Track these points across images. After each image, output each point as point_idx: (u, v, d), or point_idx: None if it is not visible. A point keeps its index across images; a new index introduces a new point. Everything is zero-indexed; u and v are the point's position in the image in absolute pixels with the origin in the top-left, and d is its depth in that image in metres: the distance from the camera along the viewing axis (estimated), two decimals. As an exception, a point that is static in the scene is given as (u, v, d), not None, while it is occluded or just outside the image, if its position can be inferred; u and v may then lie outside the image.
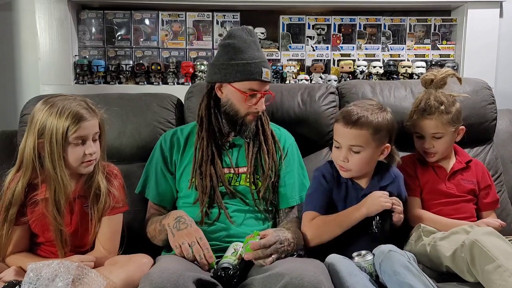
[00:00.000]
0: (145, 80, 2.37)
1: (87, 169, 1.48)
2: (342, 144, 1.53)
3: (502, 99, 2.18)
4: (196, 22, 2.41)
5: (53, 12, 2.29)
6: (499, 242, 1.37)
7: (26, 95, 2.35)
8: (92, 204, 1.50)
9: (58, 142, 1.40)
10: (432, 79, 1.72)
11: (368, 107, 1.53)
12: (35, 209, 1.47)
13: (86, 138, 1.45)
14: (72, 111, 1.42)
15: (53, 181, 1.42)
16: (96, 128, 1.48)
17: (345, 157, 1.53)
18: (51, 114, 1.41)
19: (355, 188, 1.58)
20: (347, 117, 1.51)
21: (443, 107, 1.65)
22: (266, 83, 1.62)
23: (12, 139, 1.98)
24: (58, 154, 1.41)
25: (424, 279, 1.32)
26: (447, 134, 1.68)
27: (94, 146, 1.47)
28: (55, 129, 1.40)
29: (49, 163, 1.41)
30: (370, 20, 2.45)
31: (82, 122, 1.42)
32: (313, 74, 2.40)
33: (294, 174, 1.71)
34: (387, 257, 1.37)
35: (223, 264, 1.39)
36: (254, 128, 1.66)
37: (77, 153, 1.44)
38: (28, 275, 1.29)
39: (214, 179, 1.62)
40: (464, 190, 1.70)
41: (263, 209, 1.65)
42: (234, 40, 1.62)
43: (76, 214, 1.50)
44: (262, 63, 1.60)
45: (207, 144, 1.64)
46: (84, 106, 1.46)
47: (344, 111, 1.56)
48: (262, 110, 1.64)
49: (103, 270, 1.39)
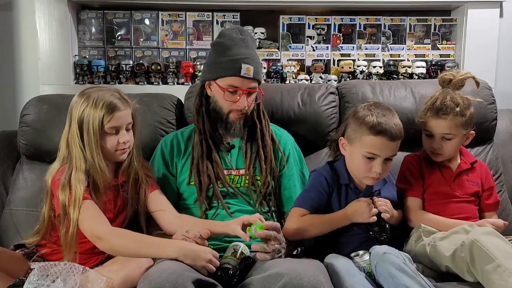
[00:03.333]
0: (145, 80, 2.37)
1: (121, 156, 1.55)
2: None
3: (502, 99, 2.18)
4: (196, 22, 2.41)
5: (53, 12, 2.29)
6: (499, 242, 1.37)
7: (26, 95, 2.35)
8: (131, 189, 1.58)
9: (95, 131, 1.48)
10: (450, 79, 1.71)
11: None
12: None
13: (120, 128, 1.52)
14: (106, 101, 1.49)
15: (92, 168, 1.49)
16: (129, 118, 1.55)
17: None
18: (88, 106, 1.48)
19: (355, 192, 1.58)
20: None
21: (459, 109, 1.64)
22: (249, 79, 1.60)
23: (12, 139, 1.98)
24: (96, 143, 1.48)
25: (420, 280, 1.32)
26: (458, 136, 1.66)
27: (127, 135, 1.53)
28: (92, 118, 1.47)
29: (88, 152, 1.48)
30: (370, 20, 2.45)
31: (115, 112, 1.49)
32: (313, 74, 2.40)
33: (297, 177, 1.71)
34: (382, 259, 1.37)
35: (223, 264, 1.38)
36: (240, 126, 1.65)
37: (112, 141, 1.51)
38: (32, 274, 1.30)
39: (212, 176, 1.62)
40: (468, 191, 1.70)
41: (266, 210, 1.66)
42: (222, 39, 1.64)
43: (120, 200, 1.58)
44: (243, 60, 1.58)
45: (201, 142, 1.65)
46: (117, 96, 1.53)
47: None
48: (243, 107, 1.61)
49: (102, 269, 1.40)
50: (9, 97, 2.42)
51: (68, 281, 1.29)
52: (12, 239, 1.75)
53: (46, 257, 1.54)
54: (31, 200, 1.84)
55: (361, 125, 1.51)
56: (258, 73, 1.63)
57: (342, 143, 1.59)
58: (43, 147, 1.88)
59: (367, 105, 1.56)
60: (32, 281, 1.28)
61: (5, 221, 1.87)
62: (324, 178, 1.58)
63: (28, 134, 1.92)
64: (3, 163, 1.98)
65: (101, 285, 1.31)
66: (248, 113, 1.66)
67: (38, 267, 1.31)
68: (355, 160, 1.54)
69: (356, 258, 1.44)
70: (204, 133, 1.67)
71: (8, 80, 2.42)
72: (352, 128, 1.55)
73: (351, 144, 1.55)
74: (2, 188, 1.94)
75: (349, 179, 1.58)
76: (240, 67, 1.58)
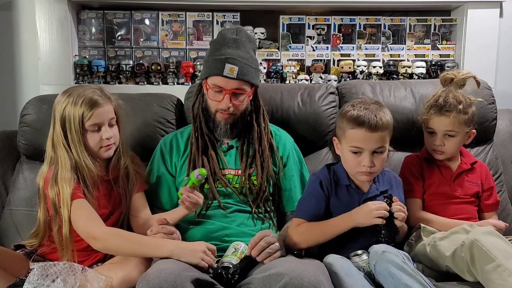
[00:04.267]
0: (145, 80, 2.37)
1: (107, 153, 1.55)
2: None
3: (502, 99, 2.18)
4: (196, 22, 2.41)
5: (53, 12, 2.28)
6: (499, 242, 1.37)
7: (26, 95, 2.35)
8: (123, 185, 1.59)
9: (77, 129, 1.49)
10: (452, 78, 1.73)
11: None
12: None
13: (102, 124, 1.51)
14: (86, 98, 1.49)
15: (80, 166, 1.50)
16: (111, 113, 1.55)
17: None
18: (68, 103, 1.49)
19: (357, 192, 1.56)
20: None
21: (461, 106, 1.66)
22: (234, 80, 1.58)
23: (12, 139, 1.98)
24: (79, 141, 1.49)
25: (420, 279, 1.31)
26: (460, 134, 1.68)
27: (110, 131, 1.53)
28: (73, 117, 1.48)
29: (74, 150, 1.49)
30: (370, 20, 2.44)
31: (95, 108, 1.50)
32: (313, 74, 2.40)
33: (297, 178, 1.71)
34: (381, 258, 1.36)
35: (224, 263, 1.39)
36: (227, 127, 1.64)
37: (94, 138, 1.52)
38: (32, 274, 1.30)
39: (207, 169, 1.61)
40: (469, 192, 1.71)
41: (263, 210, 1.65)
42: (217, 38, 1.66)
43: (113, 195, 1.59)
44: (228, 59, 1.58)
45: (197, 139, 1.66)
46: (98, 93, 1.53)
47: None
48: (226, 107, 1.60)
49: (101, 268, 1.40)
50: (9, 97, 2.42)
51: (67, 281, 1.29)
52: (12, 239, 1.75)
53: (46, 255, 1.54)
54: (31, 200, 1.83)
55: (343, 120, 1.53)
56: (244, 74, 1.59)
57: (335, 142, 1.60)
58: (43, 147, 1.86)
59: (353, 102, 1.57)
60: (32, 281, 1.28)
61: (5, 221, 1.87)
62: (319, 182, 1.57)
63: (28, 134, 1.92)
64: (3, 163, 1.98)
65: (100, 284, 1.31)
66: (238, 114, 1.65)
67: (38, 267, 1.31)
68: (345, 157, 1.55)
69: (355, 258, 1.43)
70: (201, 129, 1.68)
71: (8, 80, 2.42)
72: (338, 126, 1.58)
73: (340, 142, 1.56)
74: (2, 188, 1.94)
75: (349, 179, 1.58)
76: (224, 67, 1.58)
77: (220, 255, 1.46)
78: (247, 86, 1.62)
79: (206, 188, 1.64)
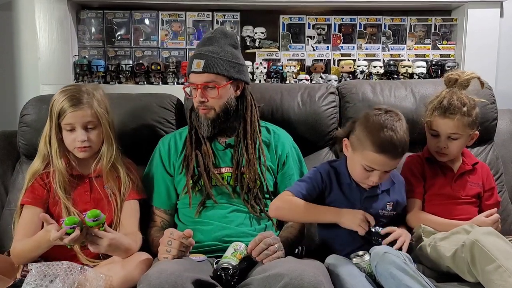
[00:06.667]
0: (145, 80, 2.36)
1: (80, 154, 1.58)
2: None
3: (502, 99, 2.17)
4: (196, 22, 2.41)
5: (53, 12, 2.28)
6: (499, 242, 1.37)
7: (26, 95, 2.35)
8: (112, 186, 1.60)
9: (55, 124, 1.55)
10: (456, 79, 1.71)
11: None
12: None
13: (74, 126, 1.54)
14: (68, 96, 1.54)
15: (54, 162, 1.57)
16: (87, 118, 1.55)
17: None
18: (55, 100, 1.56)
19: (359, 190, 1.57)
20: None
21: (466, 109, 1.64)
22: (202, 74, 1.59)
23: (12, 139, 1.98)
24: (56, 136, 1.56)
25: (421, 280, 1.31)
26: (464, 136, 1.67)
27: (84, 135, 1.55)
28: (54, 113, 1.55)
29: (52, 142, 1.57)
30: (370, 20, 2.44)
31: (71, 109, 1.53)
32: (313, 74, 2.40)
33: (296, 177, 1.70)
34: (382, 259, 1.36)
35: (223, 264, 1.38)
36: (208, 122, 1.63)
37: (68, 137, 1.56)
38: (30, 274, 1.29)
39: (201, 165, 1.62)
40: (470, 193, 1.70)
41: (259, 209, 1.64)
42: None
43: (95, 192, 1.60)
44: (195, 55, 1.62)
45: (191, 137, 1.67)
46: (85, 95, 1.56)
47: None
48: (198, 101, 1.62)
49: (101, 268, 1.40)
50: (9, 97, 2.42)
51: (66, 281, 1.29)
52: (12, 239, 1.74)
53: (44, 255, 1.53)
54: (31, 200, 1.83)
55: (366, 138, 1.47)
56: (211, 66, 1.58)
57: (345, 144, 1.58)
58: (43, 147, 1.88)
59: (378, 115, 1.50)
60: (30, 281, 1.27)
61: (5, 221, 1.87)
62: (320, 174, 1.59)
63: (28, 134, 1.92)
64: (3, 163, 1.97)
65: (100, 283, 1.30)
66: (217, 109, 1.63)
67: (36, 267, 1.31)
68: (355, 167, 1.54)
69: (356, 259, 1.44)
70: (195, 127, 1.69)
71: (8, 80, 2.41)
72: (357, 136, 1.52)
73: (354, 150, 1.53)
74: (2, 188, 1.94)
75: (350, 178, 1.58)
76: (192, 63, 1.61)
77: (220, 255, 1.45)
78: (220, 79, 1.60)
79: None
